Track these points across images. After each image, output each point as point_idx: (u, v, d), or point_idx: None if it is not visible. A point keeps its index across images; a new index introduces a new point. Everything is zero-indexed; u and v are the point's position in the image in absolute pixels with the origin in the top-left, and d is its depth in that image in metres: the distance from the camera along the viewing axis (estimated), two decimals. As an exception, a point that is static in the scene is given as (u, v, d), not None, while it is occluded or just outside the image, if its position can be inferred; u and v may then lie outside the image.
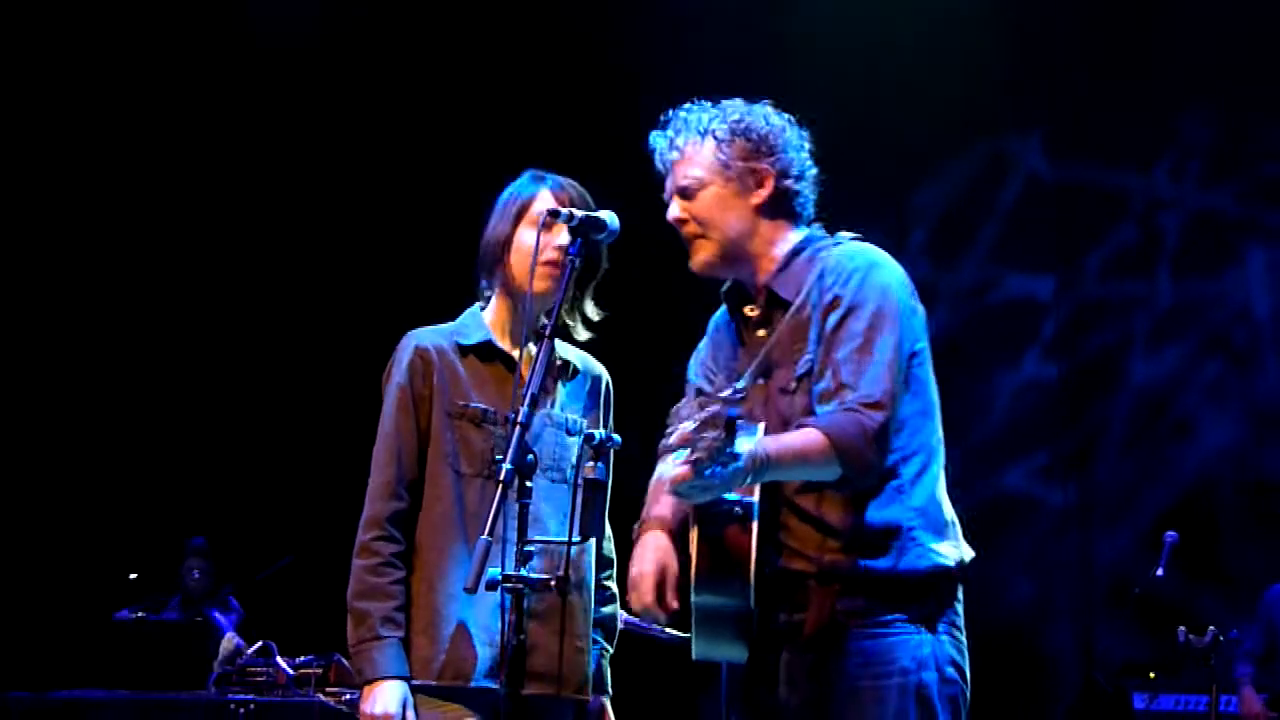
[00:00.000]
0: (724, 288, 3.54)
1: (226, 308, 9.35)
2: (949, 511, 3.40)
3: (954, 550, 3.37)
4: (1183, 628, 6.27)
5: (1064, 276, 9.14)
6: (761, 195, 3.42)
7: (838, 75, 8.69)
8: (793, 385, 3.35)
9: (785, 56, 8.83)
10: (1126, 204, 9.11)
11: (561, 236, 3.58)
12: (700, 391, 3.50)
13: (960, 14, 8.76)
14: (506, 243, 3.65)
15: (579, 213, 3.50)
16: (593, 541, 3.53)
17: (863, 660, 3.30)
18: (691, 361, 3.68)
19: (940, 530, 3.37)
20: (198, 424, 9.40)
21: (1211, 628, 6.26)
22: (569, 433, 3.68)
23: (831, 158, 3.55)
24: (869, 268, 3.36)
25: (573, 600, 3.59)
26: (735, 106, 3.48)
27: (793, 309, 3.36)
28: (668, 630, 5.61)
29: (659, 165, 3.51)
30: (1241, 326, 8.92)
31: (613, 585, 3.75)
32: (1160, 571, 6.36)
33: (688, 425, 2.96)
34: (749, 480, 3.06)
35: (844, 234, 3.48)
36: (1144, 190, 9.11)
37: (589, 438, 3.30)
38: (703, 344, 3.66)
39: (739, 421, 3.00)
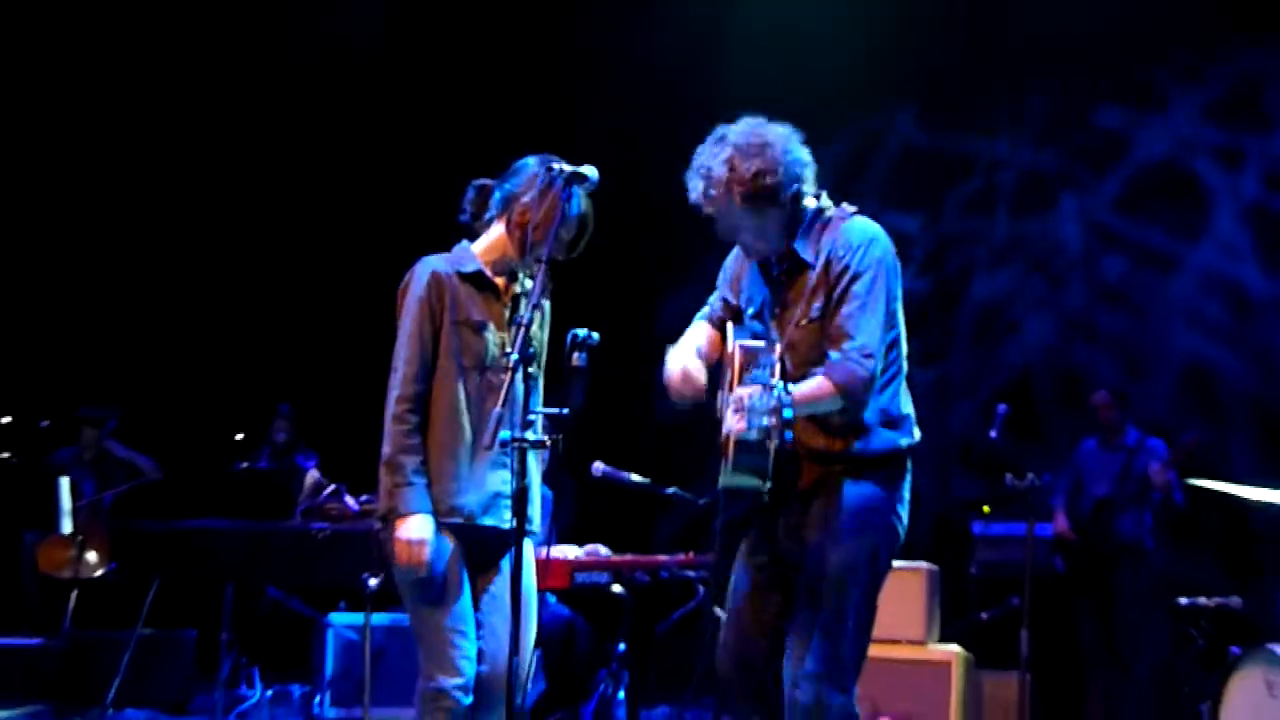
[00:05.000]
0: None
1: (312, 207, 10.06)
2: (905, 407, 3.75)
3: (905, 437, 3.73)
4: (1009, 474, 6.46)
5: (928, 216, 9.58)
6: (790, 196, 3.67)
7: (756, 58, 9.14)
8: (804, 322, 3.64)
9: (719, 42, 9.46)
10: (974, 164, 9.55)
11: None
12: (727, 304, 3.86)
13: (857, 14, 9.18)
14: (542, 221, 3.85)
15: (567, 168, 3.82)
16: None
17: (841, 505, 3.63)
18: (722, 272, 3.97)
19: (897, 423, 3.72)
20: (281, 317, 10.18)
21: (1030, 474, 6.48)
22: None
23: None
24: (870, 242, 3.62)
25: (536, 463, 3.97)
26: (749, 159, 3.63)
27: (811, 268, 3.65)
28: (634, 477, 6.07)
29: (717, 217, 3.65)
30: (1058, 256, 9.39)
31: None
32: (994, 434, 6.44)
33: (741, 392, 3.28)
34: (786, 416, 3.31)
35: (845, 206, 3.75)
36: (988, 153, 9.55)
37: (574, 336, 3.55)
38: (729, 262, 3.92)
39: (760, 354, 3.44)
